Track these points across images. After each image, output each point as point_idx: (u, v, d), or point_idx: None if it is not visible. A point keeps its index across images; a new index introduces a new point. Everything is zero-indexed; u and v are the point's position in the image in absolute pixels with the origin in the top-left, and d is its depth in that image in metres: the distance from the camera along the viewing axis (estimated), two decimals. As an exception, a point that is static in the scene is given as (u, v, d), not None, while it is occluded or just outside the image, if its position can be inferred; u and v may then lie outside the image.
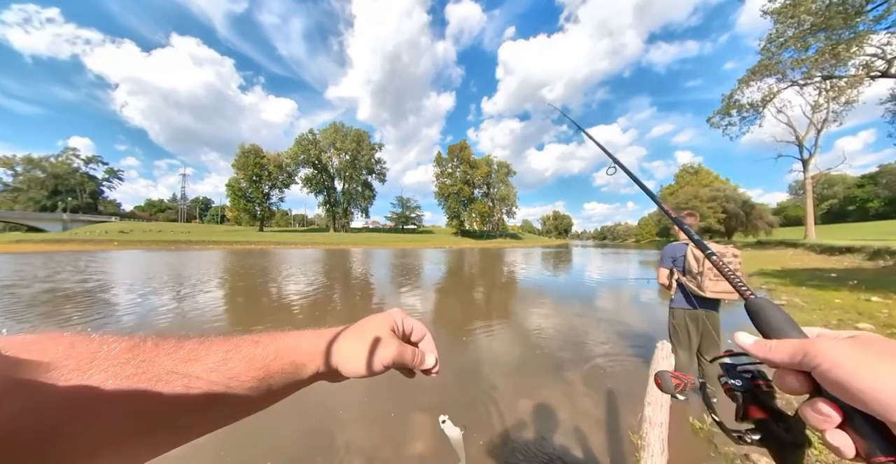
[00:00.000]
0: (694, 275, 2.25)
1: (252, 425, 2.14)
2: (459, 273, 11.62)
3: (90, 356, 0.21)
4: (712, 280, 2.15)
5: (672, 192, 61.43)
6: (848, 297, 5.67)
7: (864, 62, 12.44)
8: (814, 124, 25.48)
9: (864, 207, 79.11)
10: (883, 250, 11.19)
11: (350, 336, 0.33)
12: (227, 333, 0.29)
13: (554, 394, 2.50)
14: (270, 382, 0.27)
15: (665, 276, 2.43)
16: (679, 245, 2.40)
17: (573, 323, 4.63)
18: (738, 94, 18.70)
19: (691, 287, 2.26)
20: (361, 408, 2.35)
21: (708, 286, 2.16)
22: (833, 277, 8.08)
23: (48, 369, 0.19)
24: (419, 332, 0.38)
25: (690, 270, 2.27)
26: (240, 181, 58.23)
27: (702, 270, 2.19)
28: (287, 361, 0.28)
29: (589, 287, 7.97)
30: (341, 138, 63.43)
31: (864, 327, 3.91)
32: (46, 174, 61.14)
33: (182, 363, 0.24)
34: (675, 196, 50.55)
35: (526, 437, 2.00)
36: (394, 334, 0.35)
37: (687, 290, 2.30)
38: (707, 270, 2.17)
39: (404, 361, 0.34)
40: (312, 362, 0.30)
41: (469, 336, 4.04)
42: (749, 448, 1.83)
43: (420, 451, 1.88)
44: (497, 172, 71.12)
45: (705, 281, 2.17)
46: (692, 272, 2.26)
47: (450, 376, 2.86)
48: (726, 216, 39.12)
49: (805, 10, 10.83)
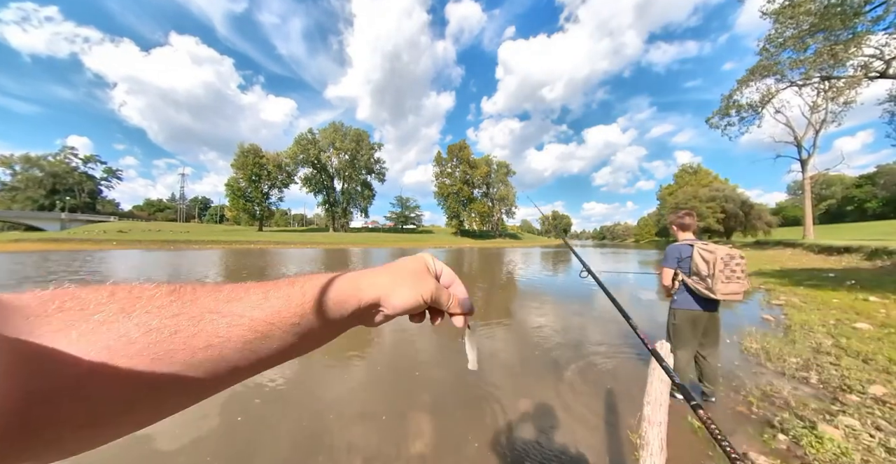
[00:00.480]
0: (703, 277, 2.23)
1: (252, 424, 2.14)
2: (458, 273, 11.61)
3: (133, 300, 0.21)
4: (724, 283, 2.16)
5: (671, 192, 61.56)
6: (845, 297, 5.70)
7: (862, 63, 12.47)
8: (812, 125, 25.56)
9: (862, 208, 79.33)
10: (880, 250, 11.23)
11: (387, 272, 0.33)
12: None
13: (553, 393, 2.51)
14: (312, 319, 0.27)
15: (669, 276, 2.39)
16: (684, 246, 2.38)
17: (572, 322, 4.64)
18: (737, 94, 18.73)
19: (699, 289, 2.24)
20: (360, 408, 2.35)
21: (719, 288, 2.16)
22: (831, 277, 8.11)
23: (94, 312, 0.20)
24: (448, 276, 0.38)
25: (699, 271, 2.25)
26: (239, 181, 58.11)
27: (712, 273, 2.18)
28: (327, 297, 0.28)
29: (588, 286, 7.99)
30: (340, 138, 63.35)
31: (862, 327, 3.93)
32: (44, 173, 60.93)
33: (224, 303, 0.24)
34: (674, 196, 50.65)
35: (525, 435, 2.00)
36: (429, 272, 0.35)
37: (694, 291, 2.29)
38: (719, 272, 2.16)
39: (440, 299, 0.34)
40: (353, 297, 0.30)
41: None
42: (748, 447, 1.84)
43: (419, 450, 1.88)
44: (496, 172, 71.16)
45: (717, 283, 2.16)
46: (700, 274, 2.24)
47: (448, 375, 2.87)
48: (725, 216, 39.20)
49: (804, 10, 10.86)
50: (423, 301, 0.32)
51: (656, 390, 1.31)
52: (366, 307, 0.30)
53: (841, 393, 2.40)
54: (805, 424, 2.02)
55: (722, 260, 2.16)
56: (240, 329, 0.23)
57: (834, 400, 2.32)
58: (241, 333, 0.23)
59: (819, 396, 2.40)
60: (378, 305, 0.31)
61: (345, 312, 0.29)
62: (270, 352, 0.25)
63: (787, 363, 2.98)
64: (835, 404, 2.26)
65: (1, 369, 0.16)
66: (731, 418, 2.14)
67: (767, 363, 3.01)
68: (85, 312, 0.20)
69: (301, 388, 2.67)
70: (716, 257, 2.18)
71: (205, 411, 2.31)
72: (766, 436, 1.93)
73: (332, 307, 0.28)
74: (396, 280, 0.32)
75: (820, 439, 1.84)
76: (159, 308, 0.22)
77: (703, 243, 2.31)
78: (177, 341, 0.21)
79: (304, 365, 3.13)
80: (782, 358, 3.09)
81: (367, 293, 0.30)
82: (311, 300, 0.27)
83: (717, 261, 2.17)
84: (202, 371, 0.22)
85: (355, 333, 4.15)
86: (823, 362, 2.95)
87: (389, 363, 3.19)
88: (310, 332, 0.27)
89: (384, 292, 0.31)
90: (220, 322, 0.23)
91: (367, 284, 0.31)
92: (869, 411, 2.14)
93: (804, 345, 3.44)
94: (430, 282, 0.33)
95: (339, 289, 0.29)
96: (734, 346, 3.49)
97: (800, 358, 3.07)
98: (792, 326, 4.13)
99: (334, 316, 0.29)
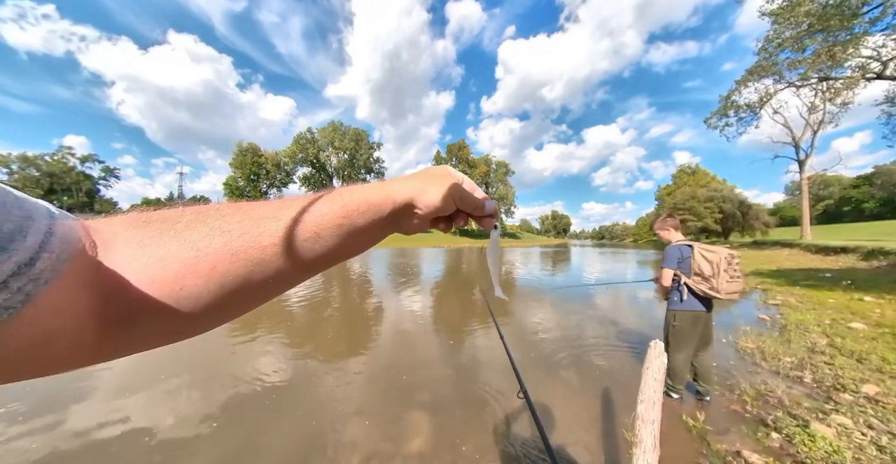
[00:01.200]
0: (706, 277, 2.25)
1: (251, 425, 2.15)
2: (458, 273, 11.64)
3: (203, 211, 0.26)
4: (728, 282, 2.20)
5: (669, 192, 61.68)
6: (842, 297, 5.74)
7: (859, 64, 12.52)
8: (810, 125, 25.65)
9: (859, 208, 79.71)
10: (877, 251, 11.29)
11: (415, 178, 0.36)
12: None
13: (550, 392, 2.53)
14: (354, 220, 0.30)
15: (669, 277, 2.40)
16: (683, 246, 2.39)
17: (568, 322, 4.66)
18: (735, 95, 18.76)
19: (702, 289, 2.26)
20: (360, 407, 2.37)
21: (724, 288, 2.20)
22: (828, 277, 8.15)
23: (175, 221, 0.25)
24: (470, 183, 0.40)
25: (702, 271, 2.26)
26: (237, 180, 58.01)
27: (717, 272, 2.21)
28: (363, 200, 0.31)
29: (585, 288, 8.01)
30: (339, 137, 63.26)
31: (857, 327, 3.97)
32: (41, 173, 60.61)
33: (277, 210, 0.28)
34: (672, 196, 50.76)
35: (521, 433, 2.02)
36: (453, 177, 0.37)
37: (696, 291, 2.30)
38: (723, 271, 2.19)
39: (466, 199, 0.36)
40: (387, 200, 0.32)
41: (465, 335, 4.06)
42: (741, 445, 1.86)
43: (419, 449, 1.90)
44: (496, 172, 71.20)
45: (721, 283, 2.20)
46: (703, 274, 2.26)
47: (446, 374, 2.89)
48: (723, 216, 39.30)
49: (802, 11, 10.89)
50: (454, 198, 0.35)
51: (650, 388, 1.32)
52: (401, 208, 0.33)
53: (834, 392, 2.43)
54: (798, 422, 2.04)
55: (725, 259, 2.22)
56: (295, 229, 0.27)
57: (827, 399, 2.35)
58: (297, 233, 0.27)
59: (813, 395, 2.42)
60: (412, 205, 0.34)
61: (382, 213, 0.32)
62: (323, 250, 0.29)
63: (782, 363, 3.01)
64: (828, 403, 2.28)
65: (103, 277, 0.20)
66: (725, 417, 2.16)
67: (762, 362, 3.04)
68: (168, 223, 0.24)
69: (381, 235, 2.69)
70: (720, 257, 2.23)
71: (205, 410, 2.33)
72: (759, 434, 1.96)
73: (370, 210, 0.31)
74: (426, 182, 0.35)
75: (812, 437, 1.87)
76: (226, 215, 0.26)
77: (701, 244, 2.34)
78: (246, 239, 0.25)
79: (304, 364, 3.14)
80: (777, 357, 3.12)
81: (400, 195, 0.33)
82: (352, 205, 0.31)
83: (720, 261, 2.21)
84: (272, 267, 0.26)
85: (357, 333, 4.16)
86: (818, 362, 2.98)
87: (391, 362, 3.20)
88: (353, 232, 0.31)
89: (416, 193, 0.34)
90: (278, 224, 0.27)
91: (399, 188, 0.34)
92: (861, 410, 2.17)
93: (799, 344, 3.47)
94: (457, 183, 0.36)
95: (375, 194, 0.32)
96: (730, 345, 3.52)
97: (795, 357, 3.10)
98: (788, 326, 4.16)
99: (373, 218, 0.32)
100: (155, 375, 2.90)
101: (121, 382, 2.79)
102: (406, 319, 4.91)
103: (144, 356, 3.11)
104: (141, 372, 2.97)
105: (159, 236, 0.23)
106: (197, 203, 0.28)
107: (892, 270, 8.92)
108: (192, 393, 2.58)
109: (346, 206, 0.30)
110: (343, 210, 0.30)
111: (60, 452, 1.90)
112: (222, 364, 3.17)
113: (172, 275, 0.22)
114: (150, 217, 0.25)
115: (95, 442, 1.99)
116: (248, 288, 0.26)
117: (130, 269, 0.21)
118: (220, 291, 0.24)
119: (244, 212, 0.27)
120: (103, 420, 2.21)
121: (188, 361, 3.24)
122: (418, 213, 0.34)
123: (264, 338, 3.92)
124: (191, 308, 0.23)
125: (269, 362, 3.18)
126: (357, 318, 5.03)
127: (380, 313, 5.31)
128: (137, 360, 3.07)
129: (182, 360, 3.24)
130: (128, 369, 3.02)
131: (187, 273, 0.23)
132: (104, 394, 2.59)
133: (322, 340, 3.89)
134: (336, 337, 4.03)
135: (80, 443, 1.98)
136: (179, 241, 0.23)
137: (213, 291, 0.24)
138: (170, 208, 0.26)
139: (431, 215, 0.35)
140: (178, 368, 3.07)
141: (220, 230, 0.25)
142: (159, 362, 3.14)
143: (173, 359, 3.24)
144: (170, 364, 3.13)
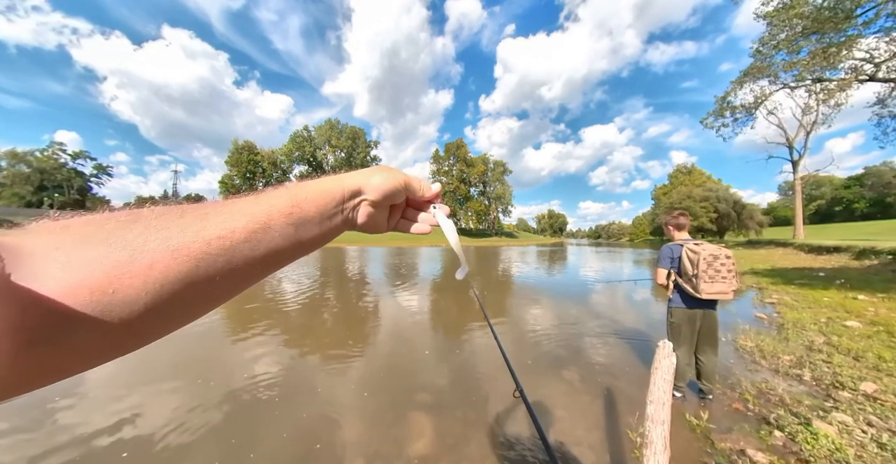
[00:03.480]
0: (689, 277, 2.28)
1: (250, 425, 2.12)
2: (456, 273, 11.61)
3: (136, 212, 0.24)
4: (707, 282, 2.18)
5: (666, 191, 62.22)
6: (836, 295, 5.81)
7: (853, 66, 12.68)
8: (803, 126, 25.95)
9: (850, 208, 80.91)
10: (868, 250, 11.47)
11: (368, 169, 0.38)
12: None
13: (552, 391, 2.53)
14: (303, 208, 0.30)
15: (664, 276, 2.44)
16: (675, 246, 2.42)
17: (570, 321, 4.67)
18: (731, 95, 18.92)
19: (687, 288, 2.29)
20: (359, 406, 2.35)
21: (703, 288, 2.19)
22: (821, 276, 8.26)
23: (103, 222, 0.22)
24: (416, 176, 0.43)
25: (686, 271, 2.29)
26: (233, 178, 57.48)
27: (696, 273, 2.22)
28: (313, 189, 0.32)
29: (584, 284, 8.05)
30: (336, 135, 62.89)
31: (852, 325, 4.02)
32: (32, 169, 59.48)
33: (224, 205, 0.27)
34: (668, 196, 51.17)
35: (524, 434, 2.01)
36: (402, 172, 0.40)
37: (683, 290, 2.34)
38: (702, 272, 2.19)
39: (412, 184, 0.39)
40: (336, 187, 0.34)
41: (465, 334, 4.05)
42: (745, 443, 1.87)
43: (420, 450, 1.89)
44: (493, 171, 71.16)
45: (700, 283, 2.19)
46: (687, 273, 2.29)
47: (446, 374, 2.87)
48: (718, 216, 39.71)
49: (797, 13, 11.00)
50: (402, 184, 0.37)
51: (659, 389, 1.32)
52: (349, 194, 0.34)
53: (833, 390, 2.45)
54: (800, 420, 2.06)
55: (705, 260, 2.18)
56: (242, 220, 0.26)
57: (827, 397, 2.37)
58: (244, 224, 0.26)
59: (812, 393, 2.45)
60: (360, 191, 0.35)
61: (331, 200, 0.33)
62: (274, 243, 0.28)
63: (781, 361, 3.03)
64: (828, 401, 2.31)
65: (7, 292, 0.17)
66: (728, 416, 2.17)
67: (762, 361, 3.06)
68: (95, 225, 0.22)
69: (333, 227, 2.66)
70: (699, 257, 2.20)
71: (205, 409, 2.29)
72: (762, 432, 1.97)
73: (320, 197, 0.32)
74: (374, 171, 0.37)
75: (815, 435, 1.88)
76: (165, 213, 0.24)
77: (693, 243, 2.34)
78: (189, 234, 0.23)
79: (305, 365, 3.11)
80: (776, 356, 3.15)
81: (349, 183, 0.34)
82: (301, 194, 0.31)
83: (699, 261, 2.19)
84: (219, 263, 0.24)
85: (357, 332, 4.13)
86: (816, 360, 3.01)
87: (397, 360, 3.18)
88: (303, 222, 0.30)
89: (363, 180, 0.35)
90: (223, 216, 0.26)
91: (349, 176, 0.35)
92: (861, 408, 2.19)
93: (797, 343, 3.51)
94: (401, 173, 0.39)
95: (323, 182, 0.34)
96: (729, 344, 3.54)
97: (793, 356, 3.13)
98: (785, 325, 4.20)
99: (323, 205, 0.32)
100: (145, 379, 2.85)
101: (107, 391, 2.75)
102: (404, 317, 4.90)
103: (144, 356, 3.06)
104: (135, 374, 2.92)
105: (84, 240, 0.21)
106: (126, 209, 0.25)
107: (883, 269, 9.06)
108: (185, 398, 2.54)
109: (295, 196, 0.30)
110: (293, 199, 0.30)
111: (49, 451, 1.86)
112: (222, 364, 3.13)
113: (102, 277, 0.20)
114: (68, 222, 0.22)
115: (89, 446, 1.95)
116: (193, 288, 0.23)
117: (49, 276, 0.19)
118: (160, 293, 0.22)
119: (186, 209, 0.25)
120: (99, 428, 2.16)
121: (182, 364, 3.19)
122: (367, 198, 0.35)
123: (261, 338, 3.88)
124: (127, 315, 0.20)
125: (268, 363, 3.15)
126: (355, 317, 4.99)
127: (377, 312, 5.29)
128: (138, 358, 3.02)
129: (174, 364, 3.20)
130: (110, 377, 2.97)
131: (120, 274, 0.20)
132: (92, 402, 2.54)
133: (322, 341, 3.85)
134: (336, 337, 3.99)
135: (72, 441, 1.94)
136: (109, 242, 0.21)
137: (153, 292, 0.21)
138: (98, 212, 0.24)
139: (381, 202, 0.36)
140: (169, 373, 3.02)
141: (157, 228, 0.23)
142: (152, 366, 3.09)
143: (162, 366, 3.19)
144: (157, 372, 3.08)
